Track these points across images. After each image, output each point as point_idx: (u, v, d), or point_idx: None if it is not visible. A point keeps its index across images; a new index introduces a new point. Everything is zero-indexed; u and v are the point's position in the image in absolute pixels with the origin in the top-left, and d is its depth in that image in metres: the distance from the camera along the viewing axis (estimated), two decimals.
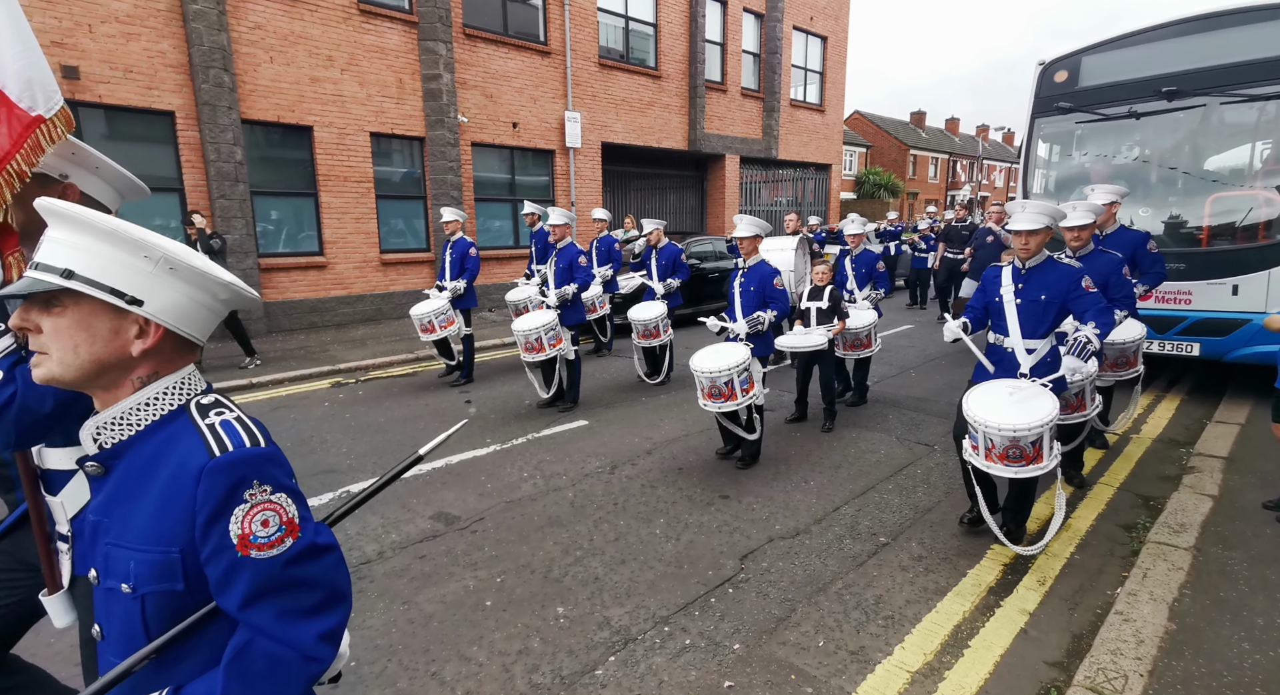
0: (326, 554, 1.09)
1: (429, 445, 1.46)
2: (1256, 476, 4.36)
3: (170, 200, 9.04)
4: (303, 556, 1.04)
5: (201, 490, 0.98)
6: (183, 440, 1.03)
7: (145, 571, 1.00)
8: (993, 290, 3.73)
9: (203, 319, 1.11)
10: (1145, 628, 2.78)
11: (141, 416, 1.06)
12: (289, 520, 1.04)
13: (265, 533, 1.00)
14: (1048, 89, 6.96)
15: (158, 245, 1.01)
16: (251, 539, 0.99)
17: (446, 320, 6.91)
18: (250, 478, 1.01)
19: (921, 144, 45.58)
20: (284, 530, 1.03)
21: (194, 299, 1.07)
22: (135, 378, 1.06)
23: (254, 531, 1.00)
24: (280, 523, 1.02)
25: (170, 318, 1.05)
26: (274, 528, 1.01)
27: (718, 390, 4.48)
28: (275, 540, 1.01)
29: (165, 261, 1.02)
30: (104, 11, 8.18)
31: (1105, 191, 4.89)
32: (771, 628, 2.96)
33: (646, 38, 15.02)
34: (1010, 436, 3.21)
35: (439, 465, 4.92)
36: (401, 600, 3.20)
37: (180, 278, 1.04)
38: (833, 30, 19.85)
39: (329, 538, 1.11)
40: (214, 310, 1.12)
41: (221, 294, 1.11)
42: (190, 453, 1.01)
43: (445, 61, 11.14)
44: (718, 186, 17.64)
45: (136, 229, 1.01)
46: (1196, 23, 6.07)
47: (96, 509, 1.07)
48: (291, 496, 1.06)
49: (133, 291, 1.01)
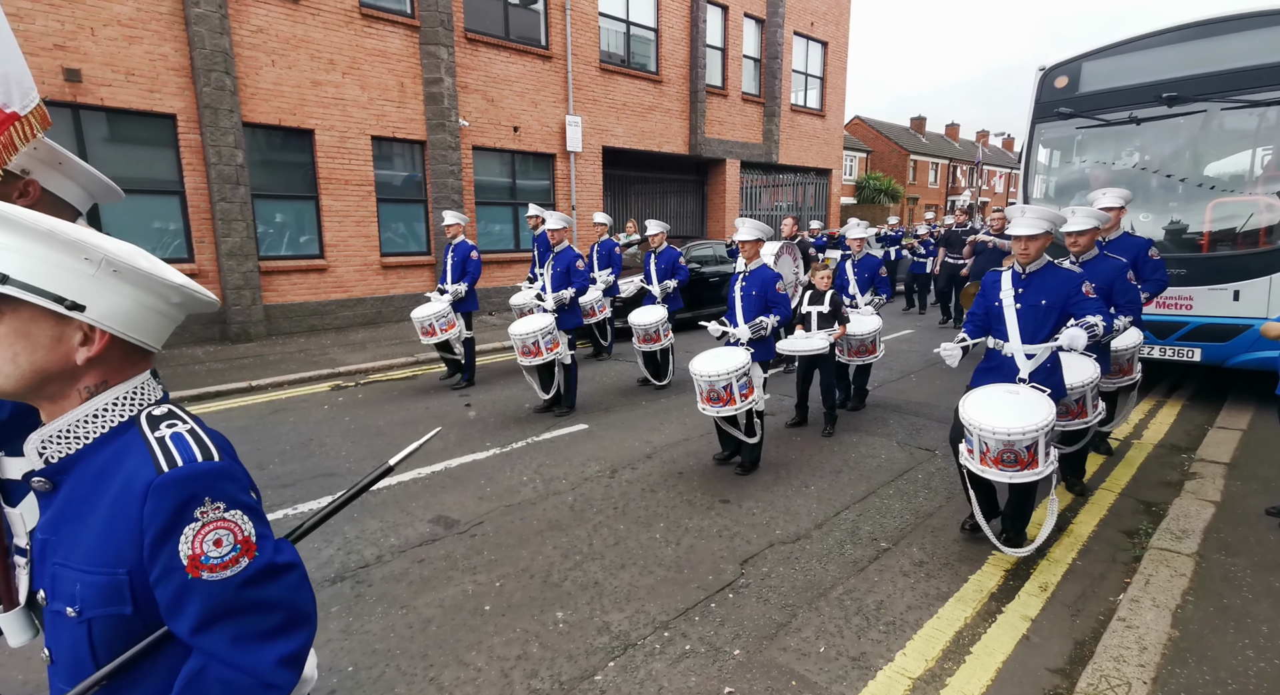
0: (287, 573, 1.03)
1: (398, 456, 1.40)
2: (1259, 482, 4.34)
3: (171, 203, 9.04)
4: (260, 577, 0.99)
5: (148, 509, 0.93)
6: (131, 455, 0.97)
7: (91, 594, 0.95)
8: (993, 295, 3.72)
9: (154, 324, 1.04)
10: (1148, 634, 2.77)
11: (89, 429, 1.00)
12: (244, 539, 0.98)
13: (218, 553, 0.95)
14: (1048, 95, 6.97)
15: (99, 246, 0.94)
16: (203, 559, 0.94)
17: (447, 323, 6.90)
18: (201, 494, 0.95)
19: (922, 149, 45.66)
20: (239, 549, 0.97)
21: (142, 303, 1.00)
22: (82, 388, 1.00)
23: (205, 551, 0.94)
24: (235, 541, 0.97)
25: (116, 323, 0.98)
26: (228, 547, 0.96)
27: (716, 394, 4.46)
28: (229, 560, 0.96)
29: (107, 263, 0.95)
30: (106, 15, 8.20)
31: (1112, 196, 4.88)
32: (772, 633, 2.94)
33: (648, 42, 15.06)
34: (1004, 440, 3.19)
35: (438, 468, 4.91)
36: (400, 604, 3.18)
37: (125, 280, 0.97)
38: (833, 36, 19.90)
39: (290, 555, 1.05)
40: (166, 315, 1.05)
41: (173, 297, 1.04)
42: (137, 469, 0.95)
43: (447, 65, 11.16)
44: (718, 191, 17.65)
45: (76, 229, 0.94)
46: (1196, 29, 6.08)
47: (44, 526, 1.01)
48: (248, 513, 1.00)
49: (73, 296, 0.94)
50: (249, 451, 5.29)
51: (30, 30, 7.72)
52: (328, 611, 3.12)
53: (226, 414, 6.39)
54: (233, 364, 8.08)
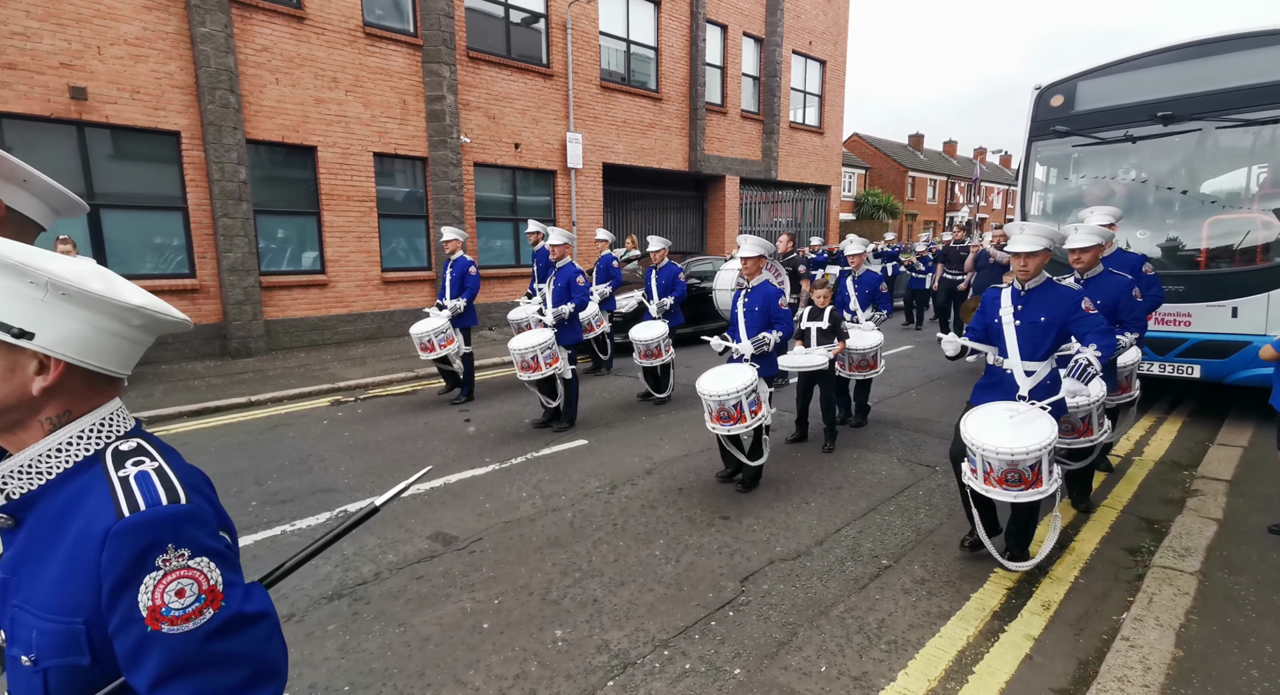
0: (256, 624, 0.97)
1: (385, 496, 1.38)
2: (1261, 500, 4.32)
3: (174, 218, 9.09)
4: (226, 629, 0.92)
5: (106, 555, 0.87)
6: (92, 495, 0.92)
7: (47, 643, 0.89)
8: (992, 312, 3.73)
9: (115, 349, 0.97)
10: (1152, 654, 2.74)
11: (51, 464, 0.94)
12: (210, 588, 0.92)
13: (180, 604, 0.89)
14: (1044, 113, 7.04)
15: (43, 268, 0.88)
16: (164, 611, 0.88)
17: (446, 339, 6.91)
18: (164, 541, 0.89)
19: (920, 166, 46.01)
20: (203, 600, 0.91)
21: (99, 327, 0.94)
22: (44, 419, 0.94)
23: (167, 603, 0.88)
24: (199, 591, 0.90)
25: (71, 350, 0.92)
26: (191, 598, 0.90)
27: (727, 413, 4.45)
28: (192, 612, 0.89)
29: (55, 287, 0.89)
30: (113, 34, 8.30)
31: (1101, 214, 4.92)
32: (773, 652, 2.92)
33: (648, 61, 15.23)
34: (1009, 460, 3.18)
35: (437, 485, 4.89)
36: (397, 622, 3.15)
37: (76, 304, 0.91)
38: (831, 54, 20.13)
39: (261, 604, 0.99)
40: (129, 338, 0.99)
41: (134, 319, 0.97)
42: (97, 511, 0.89)
43: (449, 83, 11.28)
44: (718, 207, 17.75)
45: (19, 250, 0.88)
46: (1191, 49, 6.16)
47: (6, 565, 0.96)
48: (215, 559, 0.94)
49: (20, 323, 0.88)
50: (247, 467, 5.28)
51: (37, 49, 7.81)
52: (324, 629, 3.09)
53: (226, 429, 6.37)
54: (233, 379, 8.08)
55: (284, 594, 3.38)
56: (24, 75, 7.75)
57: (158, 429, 6.33)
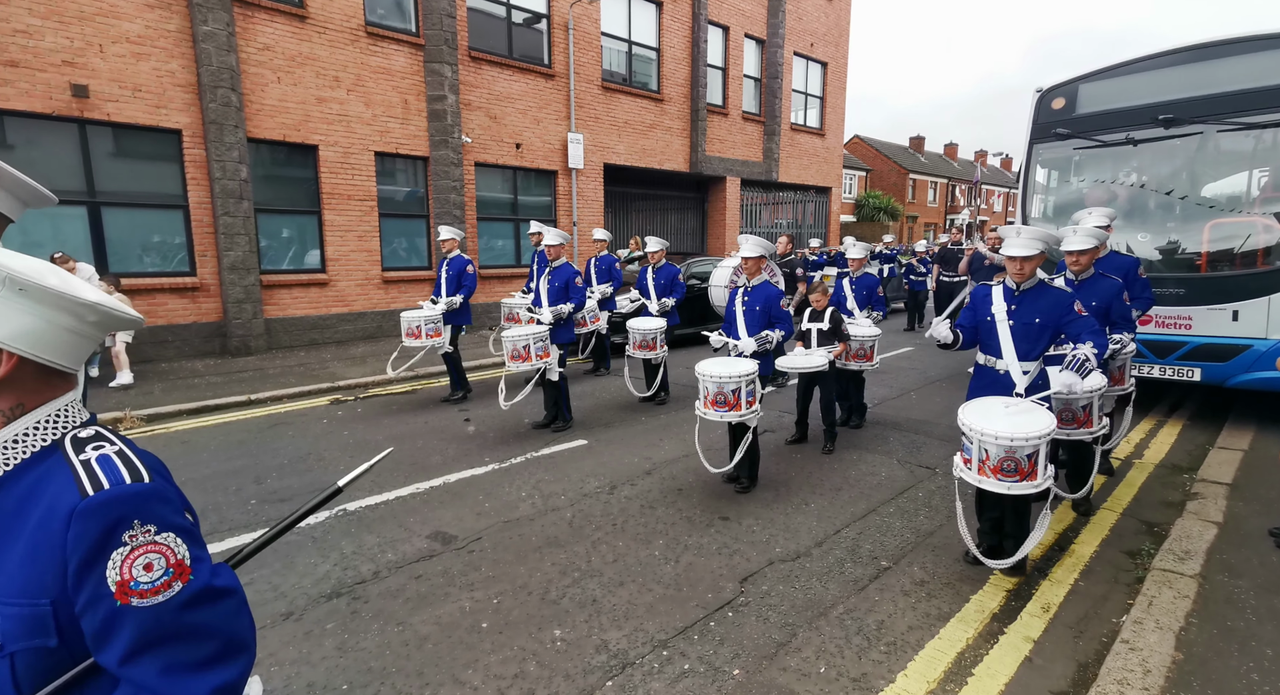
0: (224, 598, 0.98)
1: (347, 477, 1.39)
2: (1261, 503, 4.32)
3: (175, 216, 9.09)
4: (195, 601, 0.94)
5: (73, 534, 0.88)
6: (54, 479, 0.93)
7: (13, 627, 0.89)
8: (983, 309, 3.71)
9: (68, 344, 0.98)
10: (1152, 657, 2.74)
11: (9, 455, 0.95)
12: (177, 562, 0.93)
13: (149, 577, 0.90)
14: (1045, 116, 7.04)
15: (1, 264, 0.90)
16: (132, 585, 0.88)
17: (434, 330, 6.94)
18: (129, 517, 0.90)
19: (920, 168, 46.01)
20: (171, 573, 0.92)
21: (54, 323, 0.95)
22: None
23: (135, 577, 0.89)
24: (167, 565, 0.92)
25: (24, 344, 0.94)
26: (159, 571, 0.91)
27: (724, 397, 4.43)
28: (161, 585, 0.91)
29: (11, 282, 0.91)
30: (115, 32, 8.30)
31: (1098, 216, 4.93)
32: (772, 653, 2.91)
33: (649, 62, 15.24)
34: (1007, 446, 3.14)
35: (436, 484, 4.89)
36: (396, 622, 3.15)
37: (33, 299, 0.93)
38: (833, 56, 20.14)
39: (228, 580, 1.00)
40: (82, 334, 1.00)
41: (89, 316, 0.99)
42: (60, 493, 0.91)
43: (450, 83, 11.28)
44: (719, 208, 17.75)
45: None
46: (1192, 52, 6.15)
47: None
48: (182, 535, 0.95)
49: None
50: (247, 465, 5.27)
51: (39, 47, 7.81)
52: (323, 628, 3.09)
53: (225, 427, 6.37)
54: (232, 377, 8.08)
55: (283, 592, 3.38)
56: (26, 73, 7.75)
57: (157, 427, 6.33)
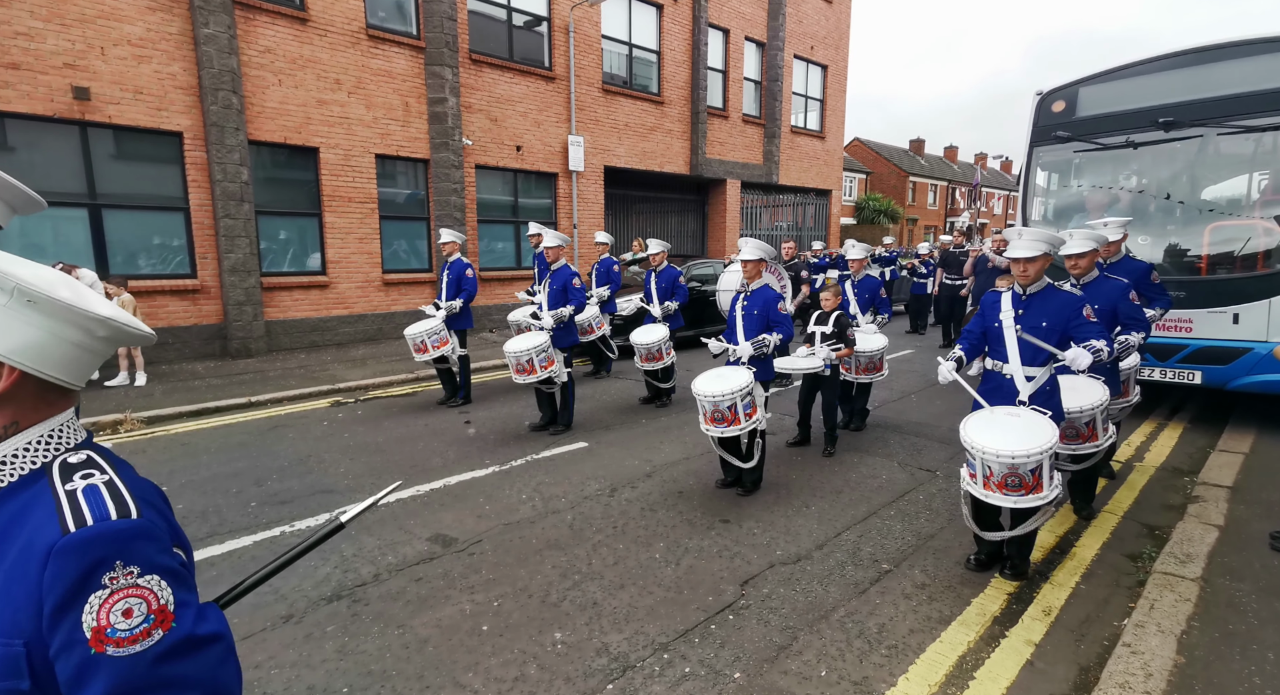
0: (209, 646, 0.92)
1: (352, 512, 1.34)
2: (1262, 506, 4.31)
3: (176, 219, 9.10)
4: (176, 651, 0.88)
5: (50, 573, 0.83)
6: (37, 510, 0.87)
7: None
8: (991, 316, 3.70)
9: (75, 360, 0.94)
10: (1154, 661, 2.73)
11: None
12: (159, 607, 0.87)
13: (127, 625, 0.84)
14: (1045, 119, 7.05)
15: (10, 274, 0.86)
16: (109, 632, 0.83)
17: (440, 340, 6.92)
18: (110, 558, 0.85)
19: (921, 171, 46.05)
20: (152, 620, 0.86)
21: (61, 337, 0.91)
22: None
23: (113, 623, 0.84)
24: (148, 611, 0.86)
25: (28, 359, 0.89)
26: (139, 618, 0.85)
27: (720, 414, 4.44)
28: (140, 633, 0.85)
29: (20, 293, 0.86)
30: (117, 34, 8.32)
31: (1114, 227, 4.93)
32: (773, 656, 2.91)
33: (650, 64, 15.26)
34: (1009, 463, 3.16)
35: (437, 486, 4.88)
36: (396, 624, 3.14)
37: (41, 312, 0.88)
38: (833, 59, 20.17)
39: (215, 626, 0.94)
40: (90, 350, 0.95)
41: (99, 331, 0.94)
42: (41, 526, 0.85)
43: (451, 86, 11.30)
44: (719, 210, 17.77)
45: None
46: (1192, 55, 6.16)
47: None
48: (167, 577, 0.89)
49: None
50: (247, 467, 5.27)
51: (41, 49, 7.82)
52: (323, 631, 3.09)
53: (226, 430, 6.37)
54: (232, 379, 8.08)
55: (283, 595, 3.38)
56: (27, 75, 7.77)
57: (158, 429, 6.33)
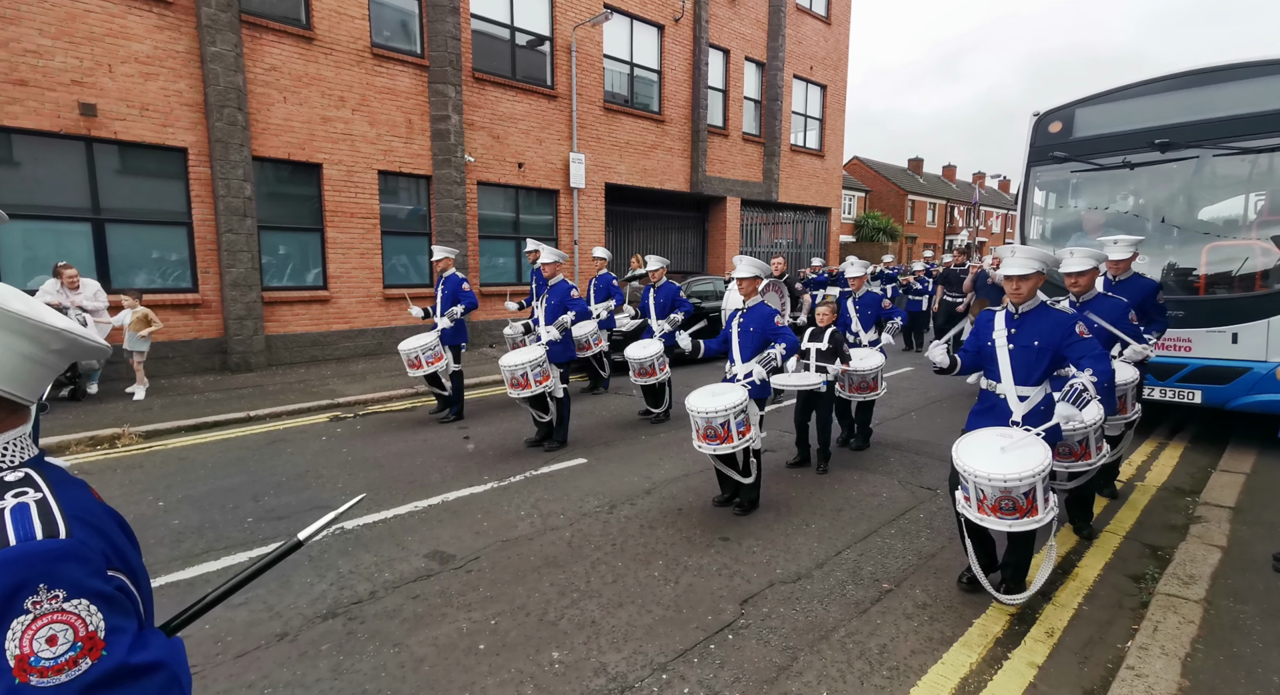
0: (146, 676, 0.86)
1: (310, 529, 1.30)
2: (1265, 527, 4.29)
3: (178, 233, 9.15)
4: (106, 682, 0.83)
5: None
6: None
7: None
8: (985, 334, 3.67)
9: (27, 373, 0.90)
10: (1158, 684, 2.70)
11: None
12: (88, 634, 0.82)
13: (51, 653, 0.80)
14: (1043, 139, 7.11)
15: None
16: (33, 661, 0.79)
17: (434, 356, 6.92)
18: (33, 581, 0.80)
19: (919, 189, 46.38)
20: (79, 648, 0.81)
21: (13, 350, 0.88)
22: None
23: (36, 652, 0.79)
24: (75, 638, 0.81)
25: None
26: (64, 646, 0.80)
27: (713, 431, 4.41)
28: (65, 662, 0.80)
29: None
30: (125, 52, 8.42)
31: (1124, 246, 4.96)
32: (773, 677, 2.87)
33: (650, 83, 15.43)
34: (1001, 487, 3.11)
35: (435, 502, 4.85)
36: (392, 642, 3.11)
37: None
38: (832, 79, 20.39)
39: (154, 654, 0.89)
40: (43, 363, 0.92)
41: (53, 343, 0.91)
42: None
43: (454, 103, 11.42)
44: (719, 228, 17.87)
45: None
46: (1188, 77, 6.24)
47: None
48: (98, 602, 0.84)
49: None
50: (245, 482, 5.24)
51: (49, 66, 7.92)
52: (318, 649, 3.05)
53: (224, 444, 6.34)
54: (232, 394, 8.06)
55: (278, 612, 3.34)
56: (35, 91, 7.85)
57: (155, 443, 6.31)
